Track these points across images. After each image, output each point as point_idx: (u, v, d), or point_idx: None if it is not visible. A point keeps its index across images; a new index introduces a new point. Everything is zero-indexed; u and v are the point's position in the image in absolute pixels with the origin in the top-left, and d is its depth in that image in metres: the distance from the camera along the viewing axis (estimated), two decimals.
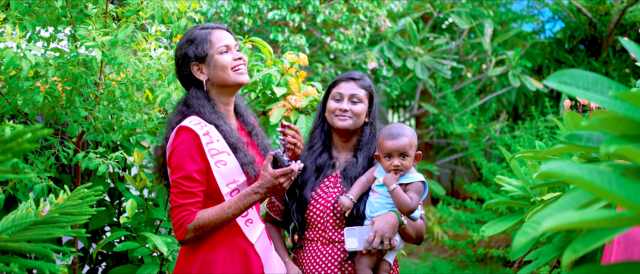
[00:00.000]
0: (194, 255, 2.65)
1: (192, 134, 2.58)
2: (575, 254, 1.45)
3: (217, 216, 2.55)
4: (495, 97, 9.32)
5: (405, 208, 2.67)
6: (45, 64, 3.05)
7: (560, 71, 1.55)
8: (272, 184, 2.55)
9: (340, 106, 2.83)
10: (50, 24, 3.14)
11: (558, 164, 1.27)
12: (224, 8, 5.71)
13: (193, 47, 2.68)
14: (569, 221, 1.31)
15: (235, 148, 2.65)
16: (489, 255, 7.37)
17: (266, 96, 3.80)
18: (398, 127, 2.75)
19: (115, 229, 3.77)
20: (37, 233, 2.10)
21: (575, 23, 10.10)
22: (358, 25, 6.48)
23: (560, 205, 1.52)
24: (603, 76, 1.54)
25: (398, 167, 2.70)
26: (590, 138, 1.63)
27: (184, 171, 2.55)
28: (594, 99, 1.53)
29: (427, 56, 7.57)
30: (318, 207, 2.80)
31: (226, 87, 2.72)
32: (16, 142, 1.45)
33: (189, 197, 2.54)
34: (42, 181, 3.05)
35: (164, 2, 3.08)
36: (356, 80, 2.89)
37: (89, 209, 2.17)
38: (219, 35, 2.71)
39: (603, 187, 1.25)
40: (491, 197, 7.03)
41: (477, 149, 8.27)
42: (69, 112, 3.18)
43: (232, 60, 2.69)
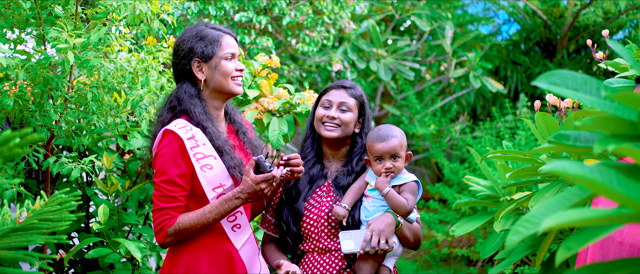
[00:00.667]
0: (178, 258, 2.64)
1: (176, 138, 2.55)
2: (568, 252, 1.48)
3: (198, 220, 2.53)
4: (455, 98, 9.46)
5: (402, 209, 2.63)
6: (16, 67, 2.96)
7: (550, 72, 1.58)
8: (253, 189, 2.53)
9: (328, 113, 2.79)
10: (18, 26, 3.06)
11: (561, 164, 1.29)
12: (191, 10, 5.65)
13: (202, 44, 2.64)
14: (570, 220, 1.33)
15: (222, 151, 2.63)
16: (453, 255, 7.47)
17: (238, 99, 3.78)
18: (386, 128, 2.71)
19: (83, 235, 3.68)
20: (17, 240, 2.04)
21: (531, 25, 10.33)
22: (322, 27, 6.49)
23: (552, 203, 1.54)
24: (591, 77, 1.57)
25: (390, 170, 2.66)
26: (578, 138, 1.66)
27: (166, 175, 2.53)
28: (584, 99, 1.56)
29: (390, 58, 7.64)
30: (312, 217, 2.76)
31: (221, 94, 2.70)
32: (7, 147, 1.41)
33: (170, 201, 2.53)
34: (12, 186, 2.96)
35: (136, 3, 3.03)
36: (347, 88, 2.85)
37: (68, 214, 2.12)
38: (229, 41, 2.69)
39: (604, 185, 1.28)
40: (454, 197, 7.13)
41: (439, 150, 8.37)
42: (38, 116, 3.10)
43: (234, 70, 2.68)
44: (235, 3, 5.85)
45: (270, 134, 3.53)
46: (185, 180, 2.55)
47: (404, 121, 8.71)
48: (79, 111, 3.19)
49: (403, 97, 8.96)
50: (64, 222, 2.10)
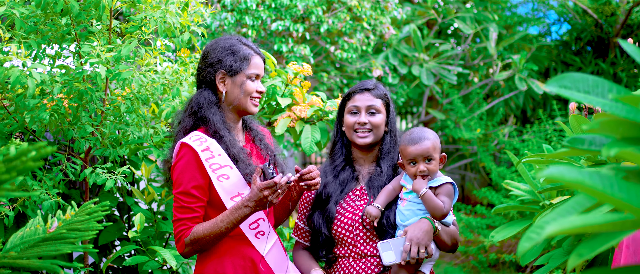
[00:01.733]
0: (205, 266, 2.69)
1: (191, 150, 2.62)
2: (580, 259, 1.45)
3: (211, 230, 2.58)
4: (503, 101, 9.30)
5: (439, 212, 2.59)
6: (51, 82, 3.08)
7: (561, 75, 1.55)
8: (258, 197, 2.54)
9: (359, 120, 2.78)
10: (55, 41, 3.17)
11: (558, 169, 1.26)
12: (228, 20, 5.73)
13: (231, 58, 2.70)
14: (572, 226, 1.30)
15: (237, 159, 2.67)
16: (501, 260, 7.33)
17: (271, 107, 3.82)
18: (419, 131, 2.68)
19: (125, 243, 3.79)
20: (46, 250, 2.12)
21: (582, 25, 10.07)
22: (362, 33, 6.49)
23: (564, 209, 1.51)
24: (603, 79, 1.53)
25: (424, 173, 2.63)
26: (593, 141, 1.62)
27: (182, 186, 2.60)
28: (595, 102, 1.53)
29: (432, 62, 7.57)
30: (346, 221, 2.75)
31: (237, 110, 2.76)
32: (20, 161, 1.47)
33: (187, 212, 2.59)
34: (51, 197, 3.07)
35: (166, 16, 3.10)
36: (371, 90, 2.83)
37: (96, 224, 2.18)
38: (257, 61, 2.75)
39: (604, 191, 1.25)
40: (501, 202, 7.00)
41: (486, 154, 8.24)
42: (75, 128, 3.21)
43: (255, 91, 2.73)
44: (272, 12, 5.91)
45: (302, 141, 3.55)
46: (201, 191, 2.61)
47: (449, 126, 8.61)
48: (115, 123, 3.29)
49: (449, 101, 8.87)
50: (92, 231, 2.17)
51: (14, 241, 2.18)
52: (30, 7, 3.05)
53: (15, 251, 2.13)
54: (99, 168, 3.16)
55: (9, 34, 3.04)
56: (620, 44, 7.25)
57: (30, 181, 3.09)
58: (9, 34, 3.04)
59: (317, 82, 6.76)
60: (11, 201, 3.15)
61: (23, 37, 3.05)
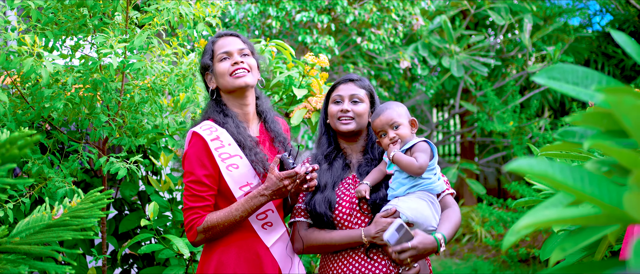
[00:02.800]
0: (210, 256, 2.71)
1: (201, 139, 2.64)
2: (563, 253, 1.43)
3: (225, 218, 2.59)
4: (540, 93, 9.11)
5: (412, 167, 2.60)
6: (66, 72, 3.14)
7: (550, 66, 1.51)
8: (277, 186, 2.56)
9: (341, 107, 2.81)
10: (73, 33, 3.23)
11: (526, 162, 1.23)
12: (251, 12, 5.75)
13: (203, 58, 2.82)
14: (547, 219, 1.28)
15: (243, 145, 2.69)
16: (531, 255, 7.22)
17: (289, 97, 3.82)
18: (382, 105, 2.76)
19: (144, 231, 3.85)
20: (49, 236, 2.16)
21: (624, 15, 9.79)
22: (390, 24, 6.43)
23: (550, 203, 1.49)
24: (593, 70, 1.50)
25: (394, 139, 2.67)
26: (584, 134, 1.58)
27: (193, 175, 2.62)
28: (582, 94, 1.49)
29: (463, 54, 7.46)
30: (344, 205, 2.76)
31: (230, 93, 2.77)
32: (5, 149, 1.50)
33: (199, 200, 2.61)
34: (66, 185, 3.14)
35: (180, 7, 3.13)
36: (354, 81, 2.88)
37: (98, 212, 2.22)
38: (221, 43, 2.78)
39: (575, 186, 1.22)
40: (532, 195, 6.87)
41: (520, 147, 8.09)
42: (91, 118, 3.27)
43: (230, 66, 2.73)
44: (297, 3, 5.90)
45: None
46: (211, 180, 2.63)
47: (481, 118, 8.49)
48: (131, 113, 3.34)
49: (482, 93, 8.74)
50: (93, 218, 2.21)
51: (20, 227, 2.23)
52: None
53: (21, 237, 2.18)
54: (113, 157, 3.21)
55: (25, 25, 3.11)
56: None
57: (47, 168, 3.16)
58: (25, 25, 3.11)
59: (344, 74, 6.73)
60: (29, 188, 3.23)
61: (40, 28, 3.12)
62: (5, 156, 1.52)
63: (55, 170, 3.22)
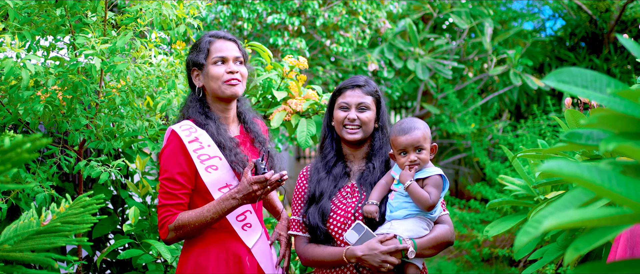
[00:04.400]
0: (187, 257, 2.70)
1: (177, 137, 2.64)
2: (577, 253, 1.45)
3: (196, 218, 2.59)
4: (497, 96, 9.30)
5: (425, 203, 2.57)
6: (45, 73, 3.05)
7: (559, 70, 1.54)
8: (247, 190, 2.56)
9: (348, 116, 2.76)
10: (49, 33, 3.15)
11: (557, 163, 1.26)
12: (223, 13, 5.71)
13: (194, 54, 2.75)
14: (570, 220, 1.30)
15: (224, 147, 2.68)
16: (494, 255, 7.36)
17: (267, 100, 3.80)
18: (409, 121, 2.67)
19: (119, 236, 3.77)
20: (40, 242, 2.10)
21: (576, 20, 10.08)
22: (358, 27, 6.47)
23: (561, 204, 1.51)
24: (601, 74, 1.53)
25: (415, 162, 2.62)
26: (591, 136, 1.62)
27: (167, 172, 2.62)
28: (593, 96, 1.52)
29: (427, 57, 7.57)
30: (338, 218, 2.72)
31: (218, 98, 2.75)
32: (15, 153, 1.46)
33: (171, 198, 2.61)
34: (44, 190, 3.05)
35: (162, 8, 3.08)
36: (361, 86, 2.80)
37: (90, 217, 2.17)
38: (218, 45, 2.74)
39: (603, 185, 1.25)
40: (495, 197, 7.02)
41: (480, 149, 8.25)
42: (69, 120, 3.19)
43: (225, 73, 2.71)
44: (268, 5, 5.89)
45: (298, 135, 3.54)
46: (185, 178, 2.62)
47: (444, 120, 8.61)
48: (110, 115, 3.27)
49: (443, 96, 8.87)
50: (86, 224, 2.15)
51: (7, 234, 2.16)
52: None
53: (9, 244, 2.11)
54: (93, 161, 3.14)
55: (2, 25, 3.01)
56: (615, 40, 7.26)
57: (24, 173, 3.07)
58: (2, 24, 3.01)
59: (312, 76, 6.75)
60: (4, 194, 3.13)
61: (17, 28, 3.03)
62: (14, 160, 1.47)
63: (31, 174, 3.13)
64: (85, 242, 2.09)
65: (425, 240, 2.63)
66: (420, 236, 2.63)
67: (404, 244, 2.57)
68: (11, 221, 3.34)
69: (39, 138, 1.53)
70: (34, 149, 1.52)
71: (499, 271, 7.11)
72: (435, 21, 9.16)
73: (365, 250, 2.56)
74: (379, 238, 2.57)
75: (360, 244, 2.58)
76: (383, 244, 2.55)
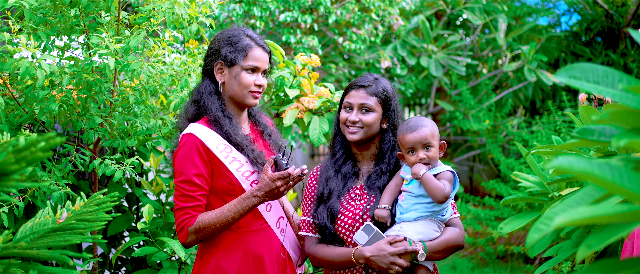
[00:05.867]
0: (207, 260, 2.68)
1: (192, 138, 2.61)
2: (589, 250, 1.44)
3: (217, 219, 2.57)
4: (512, 92, 9.26)
5: (439, 194, 2.53)
6: (60, 73, 3.09)
7: (570, 65, 1.54)
8: (269, 187, 2.55)
9: (350, 117, 2.74)
10: (64, 33, 3.18)
11: (567, 160, 1.26)
12: (236, 11, 5.73)
13: (229, 49, 2.68)
14: (582, 217, 1.30)
15: (241, 147, 2.67)
16: (509, 252, 7.32)
17: (279, 98, 3.81)
18: (416, 119, 2.64)
19: (133, 234, 3.80)
20: (55, 240, 2.13)
21: (592, 15, 10.00)
22: (370, 24, 6.47)
23: (573, 200, 1.50)
24: (613, 69, 1.52)
25: (424, 160, 2.59)
26: (603, 132, 1.61)
27: (184, 175, 2.58)
28: (605, 92, 1.52)
29: (441, 53, 7.55)
30: (346, 220, 2.71)
31: (235, 103, 2.75)
32: (30, 151, 1.48)
33: (189, 200, 2.58)
34: (60, 188, 3.08)
35: (175, 8, 3.10)
36: (366, 87, 2.75)
37: (104, 215, 2.19)
38: (257, 54, 2.71)
39: (614, 181, 1.24)
40: (510, 193, 6.98)
41: (495, 146, 8.21)
42: (84, 119, 3.22)
43: (253, 84, 2.70)
44: (280, 3, 5.90)
45: (311, 133, 3.54)
46: (202, 179, 2.59)
47: (458, 117, 8.58)
48: (124, 114, 3.30)
49: (457, 92, 8.84)
50: (100, 222, 2.17)
51: (23, 231, 2.19)
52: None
53: (25, 242, 2.14)
54: (108, 159, 3.17)
55: (18, 26, 3.04)
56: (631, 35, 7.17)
57: (40, 171, 3.11)
58: (18, 25, 3.05)
59: (325, 74, 6.75)
60: (21, 192, 3.17)
61: (32, 28, 3.06)
62: (29, 158, 1.49)
63: (47, 173, 3.16)
64: (100, 240, 2.11)
65: (436, 243, 2.61)
66: (430, 238, 2.61)
67: (414, 246, 2.56)
68: (28, 218, 3.38)
69: (53, 137, 1.55)
70: (48, 148, 1.53)
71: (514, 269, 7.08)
72: (449, 17, 9.12)
73: (373, 251, 2.55)
74: (388, 239, 2.56)
75: (369, 245, 2.57)
76: (392, 245, 2.55)
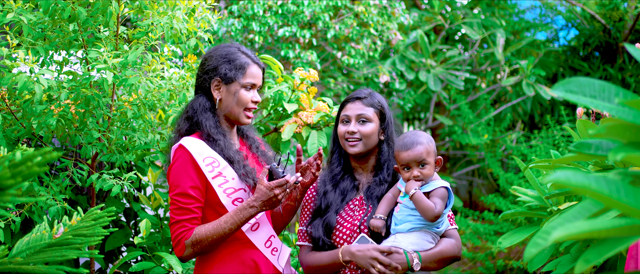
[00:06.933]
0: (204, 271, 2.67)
1: (186, 151, 2.61)
2: (587, 265, 1.43)
3: (214, 231, 2.56)
4: (511, 107, 9.26)
5: (429, 213, 2.55)
6: (58, 88, 3.09)
7: (567, 79, 1.54)
8: (267, 196, 2.55)
9: (348, 129, 2.76)
10: (63, 48, 3.18)
11: (564, 174, 1.25)
12: (235, 27, 5.75)
13: (227, 67, 2.69)
14: (579, 231, 1.29)
15: (232, 161, 2.67)
16: (509, 267, 7.30)
17: (278, 113, 3.82)
18: (412, 135, 2.65)
19: (131, 249, 3.79)
20: (52, 255, 2.12)
21: (589, 30, 10.03)
22: (369, 39, 6.49)
23: (571, 215, 1.50)
24: (610, 83, 1.53)
25: (418, 177, 2.60)
26: (600, 146, 1.61)
27: (179, 187, 2.58)
28: (601, 106, 1.52)
29: (439, 68, 7.56)
30: (344, 231, 2.72)
31: (230, 120, 2.76)
32: (26, 166, 1.47)
33: (185, 213, 2.57)
34: (57, 203, 3.08)
35: (173, 23, 3.11)
36: (362, 99, 2.80)
37: (101, 230, 2.18)
38: (254, 71, 2.73)
39: (611, 196, 1.24)
40: (509, 208, 6.97)
41: (494, 160, 8.20)
42: (82, 134, 3.22)
43: (250, 101, 2.71)
44: (279, 18, 5.92)
45: (309, 147, 3.55)
46: (198, 192, 2.59)
47: (456, 131, 8.58)
48: (122, 129, 3.29)
49: (456, 107, 8.84)
50: (97, 237, 2.16)
51: (20, 246, 2.18)
52: (38, 13, 3.07)
53: (21, 257, 2.13)
54: (105, 174, 3.16)
55: (16, 40, 3.05)
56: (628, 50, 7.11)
57: (37, 186, 3.10)
58: (16, 40, 3.05)
59: (323, 88, 6.76)
60: (18, 207, 3.16)
61: (31, 43, 3.06)
62: (25, 173, 1.49)
63: (44, 188, 3.15)
64: (97, 255, 2.11)
65: (430, 253, 2.62)
66: (424, 249, 2.62)
67: (409, 255, 2.56)
68: (25, 233, 3.37)
69: (49, 151, 1.55)
70: (44, 163, 1.53)
71: None
72: (447, 32, 9.16)
73: (359, 247, 2.58)
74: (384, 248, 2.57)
75: None
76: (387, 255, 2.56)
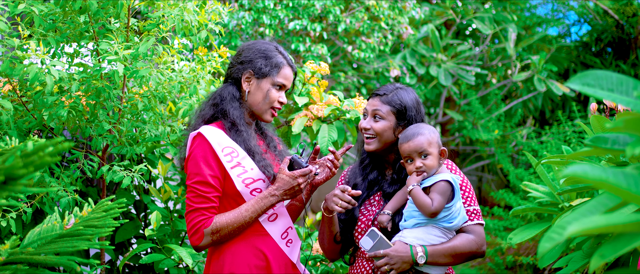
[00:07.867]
0: (221, 268, 2.65)
1: (205, 140, 2.60)
2: (602, 260, 1.41)
3: (235, 219, 2.56)
4: (521, 102, 9.21)
5: (426, 209, 2.52)
6: (69, 79, 3.09)
7: (584, 72, 1.52)
8: (290, 185, 2.58)
9: (361, 123, 2.77)
10: (74, 39, 3.19)
11: (581, 168, 1.24)
12: (245, 20, 5.74)
13: (263, 62, 2.70)
14: (595, 226, 1.27)
15: (254, 153, 2.67)
16: (518, 263, 7.27)
17: (288, 106, 3.81)
18: (414, 127, 2.63)
19: (141, 241, 3.79)
20: (62, 246, 2.12)
21: (602, 25, 9.95)
22: (380, 33, 6.46)
23: (586, 209, 1.48)
24: (628, 77, 1.50)
25: (420, 168, 2.58)
26: (617, 140, 1.59)
27: (199, 176, 2.56)
28: (619, 100, 1.49)
29: (450, 63, 7.53)
30: (361, 224, 2.76)
31: (253, 114, 2.76)
32: (38, 156, 1.47)
33: (205, 202, 2.55)
34: (68, 194, 3.08)
35: (184, 15, 3.10)
36: (381, 96, 2.77)
37: (112, 221, 2.18)
38: (287, 72, 2.75)
39: (629, 189, 1.22)
40: (519, 204, 6.93)
41: (504, 156, 8.16)
42: (93, 126, 3.22)
43: (277, 101, 2.73)
44: (290, 11, 5.90)
45: (319, 141, 3.53)
46: (217, 181, 2.58)
47: (467, 127, 8.55)
48: (132, 121, 3.29)
49: (466, 102, 8.80)
50: (108, 228, 2.16)
51: (31, 237, 2.19)
52: (49, 4, 3.07)
53: (33, 247, 2.14)
54: (116, 166, 3.16)
55: (28, 32, 3.05)
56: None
57: (48, 178, 3.11)
58: (28, 31, 3.06)
59: (334, 82, 6.75)
60: (29, 198, 3.17)
61: (42, 34, 3.07)
62: (37, 163, 1.48)
63: (56, 179, 3.16)
64: (107, 246, 2.11)
65: (440, 248, 2.57)
66: (431, 244, 2.59)
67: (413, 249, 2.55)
68: (36, 224, 3.38)
69: (61, 142, 1.54)
70: (56, 153, 1.53)
71: None
72: (458, 27, 9.10)
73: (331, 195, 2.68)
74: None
75: (374, 250, 2.58)
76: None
